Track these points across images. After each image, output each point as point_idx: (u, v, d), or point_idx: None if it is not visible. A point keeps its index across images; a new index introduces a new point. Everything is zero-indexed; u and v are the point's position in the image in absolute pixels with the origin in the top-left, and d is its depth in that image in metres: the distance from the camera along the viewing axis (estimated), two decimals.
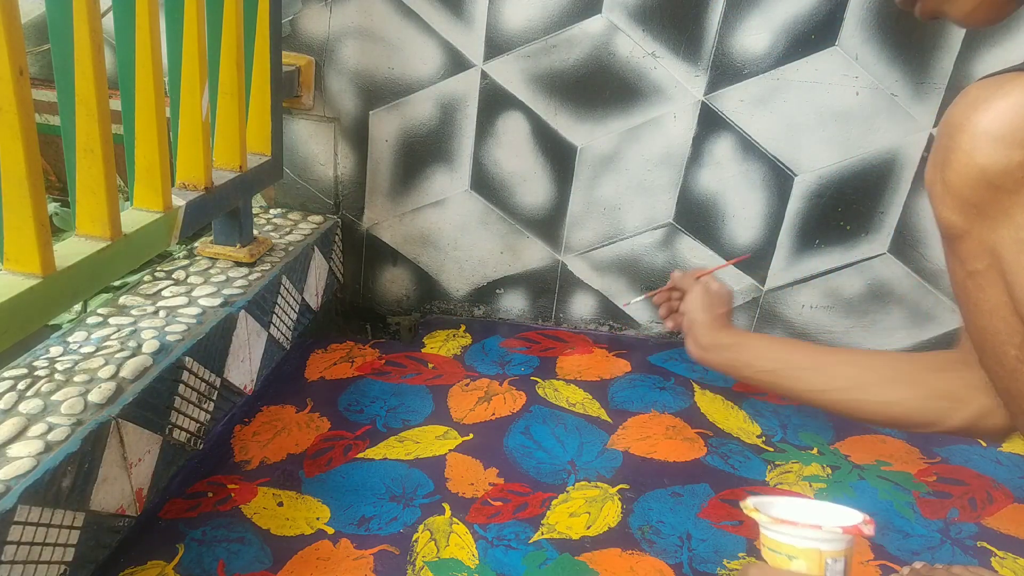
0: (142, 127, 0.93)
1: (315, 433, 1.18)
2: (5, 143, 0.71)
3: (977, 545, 1.08)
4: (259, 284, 1.19)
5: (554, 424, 1.27)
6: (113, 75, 0.90)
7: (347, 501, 1.05)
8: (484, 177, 1.48)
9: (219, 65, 1.09)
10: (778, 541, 0.57)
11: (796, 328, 1.57)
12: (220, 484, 1.05)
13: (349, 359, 1.40)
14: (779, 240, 1.49)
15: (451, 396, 1.32)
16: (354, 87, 1.42)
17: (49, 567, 0.78)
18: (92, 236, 0.87)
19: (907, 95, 1.36)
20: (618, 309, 1.58)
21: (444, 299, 1.60)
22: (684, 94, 1.38)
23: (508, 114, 1.42)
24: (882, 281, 1.51)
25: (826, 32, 1.32)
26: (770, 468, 1.21)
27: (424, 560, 0.96)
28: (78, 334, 0.99)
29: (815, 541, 0.55)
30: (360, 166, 1.49)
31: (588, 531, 1.04)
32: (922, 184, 1.42)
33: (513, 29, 1.36)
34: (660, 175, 1.45)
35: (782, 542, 0.56)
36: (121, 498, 0.90)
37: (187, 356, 1.00)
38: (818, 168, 1.43)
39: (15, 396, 0.85)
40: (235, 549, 0.95)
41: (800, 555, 0.55)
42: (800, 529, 0.55)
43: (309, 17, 1.37)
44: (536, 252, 1.54)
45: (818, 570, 0.55)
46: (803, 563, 0.55)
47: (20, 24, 0.68)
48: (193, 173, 1.05)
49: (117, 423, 0.87)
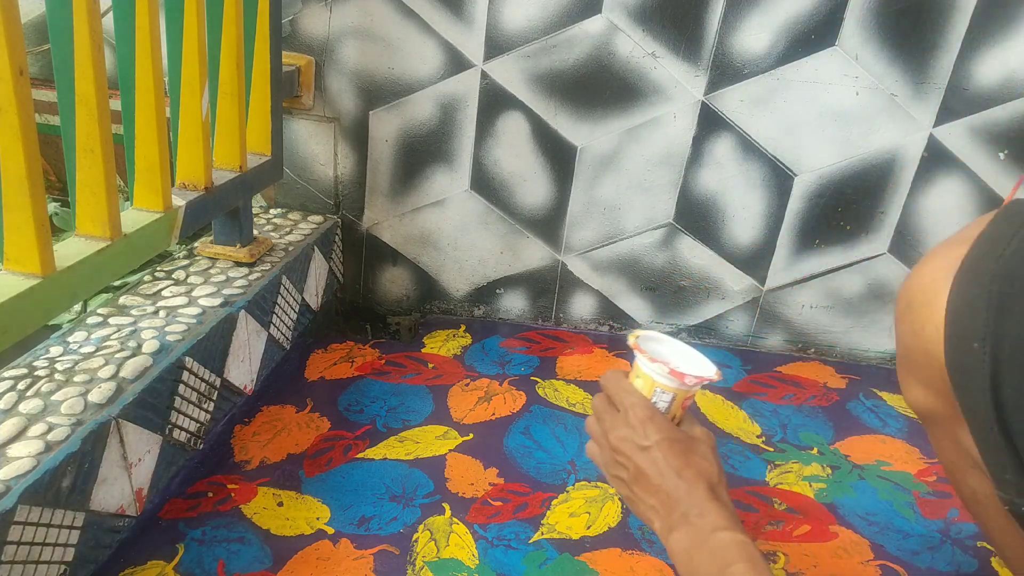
0: (142, 127, 0.94)
1: (315, 433, 1.18)
2: (5, 143, 0.71)
3: (977, 545, 1.08)
4: (259, 284, 1.19)
5: (554, 424, 1.27)
6: (113, 75, 0.90)
7: (347, 501, 1.05)
8: (484, 177, 1.48)
9: (219, 65, 1.09)
10: (635, 364, 0.73)
11: (796, 328, 1.57)
12: (220, 484, 1.05)
13: (349, 359, 1.40)
14: (779, 240, 1.49)
15: (451, 396, 1.32)
16: (354, 87, 1.42)
17: (49, 567, 0.78)
18: (92, 236, 0.87)
19: (907, 95, 1.36)
20: (618, 309, 1.58)
21: (444, 299, 1.60)
22: (684, 94, 1.38)
23: (508, 114, 1.42)
24: (882, 281, 1.51)
25: (826, 32, 1.32)
26: (770, 468, 1.21)
27: (424, 560, 0.96)
28: (78, 334, 0.99)
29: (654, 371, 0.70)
30: (360, 166, 1.49)
31: (588, 531, 1.04)
32: (922, 184, 1.42)
33: (513, 29, 1.36)
34: (660, 175, 1.45)
35: (636, 364, 0.73)
36: (121, 498, 0.90)
37: (187, 356, 1.00)
38: (818, 168, 1.43)
39: (15, 396, 0.85)
40: (235, 549, 0.95)
41: (642, 377, 0.72)
42: (643, 358, 0.71)
43: (309, 17, 1.37)
44: (536, 252, 1.54)
45: (648, 391, 0.71)
46: (640, 382, 0.72)
47: (20, 24, 0.68)
48: (193, 173, 1.05)
49: (117, 423, 0.87)
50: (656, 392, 0.71)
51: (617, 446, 0.70)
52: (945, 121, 1.37)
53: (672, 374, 0.69)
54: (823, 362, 1.57)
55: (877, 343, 1.57)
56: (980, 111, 1.36)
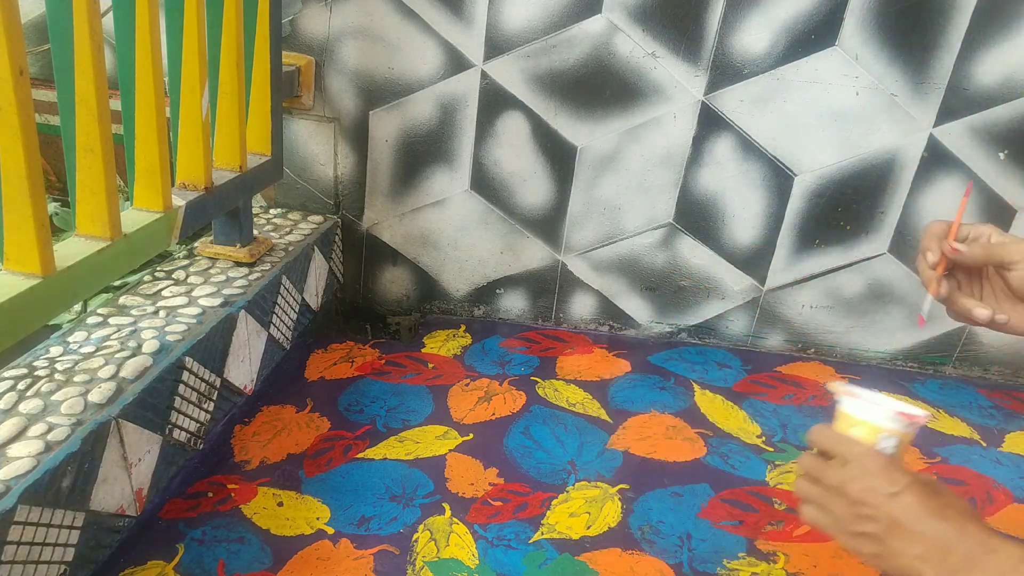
0: (142, 127, 0.94)
1: (315, 433, 1.18)
2: (5, 143, 0.71)
3: None
4: (259, 284, 1.19)
5: (554, 424, 1.27)
6: (113, 75, 0.90)
7: (347, 501, 1.05)
8: (484, 177, 1.48)
9: (219, 65, 1.09)
10: (844, 412, 0.69)
11: (796, 328, 1.57)
12: (220, 484, 1.05)
13: (349, 359, 1.40)
14: (779, 240, 1.49)
15: (451, 396, 1.32)
16: (354, 87, 1.42)
17: (49, 567, 0.78)
18: (92, 236, 0.87)
19: (907, 95, 1.36)
20: (618, 309, 1.58)
21: (444, 299, 1.60)
22: (684, 94, 1.38)
23: (508, 114, 1.42)
24: (882, 281, 1.51)
25: (826, 32, 1.32)
26: (770, 468, 1.21)
27: (424, 560, 0.96)
28: (78, 334, 0.99)
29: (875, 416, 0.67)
30: (360, 166, 1.49)
31: (588, 531, 1.04)
32: (922, 184, 1.42)
33: (513, 29, 1.36)
34: (660, 175, 1.45)
35: (846, 412, 0.69)
36: (121, 498, 0.90)
37: (187, 356, 1.00)
38: (818, 168, 1.43)
39: (15, 396, 0.85)
40: (235, 549, 0.95)
41: (859, 424, 0.68)
42: (864, 403, 0.68)
43: (309, 17, 1.37)
44: (536, 252, 1.54)
45: (872, 439, 0.66)
46: (860, 431, 0.67)
47: (20, 24, 0.68)
48: (193, 173, 1.05)
49: (117, 423, 0.87)
50: (881, 438, 0.66)
51: (861, 498, 0.63)
52: (945, 121, 1.37)
53: (901, 416, 0.66)
54: (823, 362, 1.57)
55: (877, 343, 1.57)
56: (980, 111, 1.36)
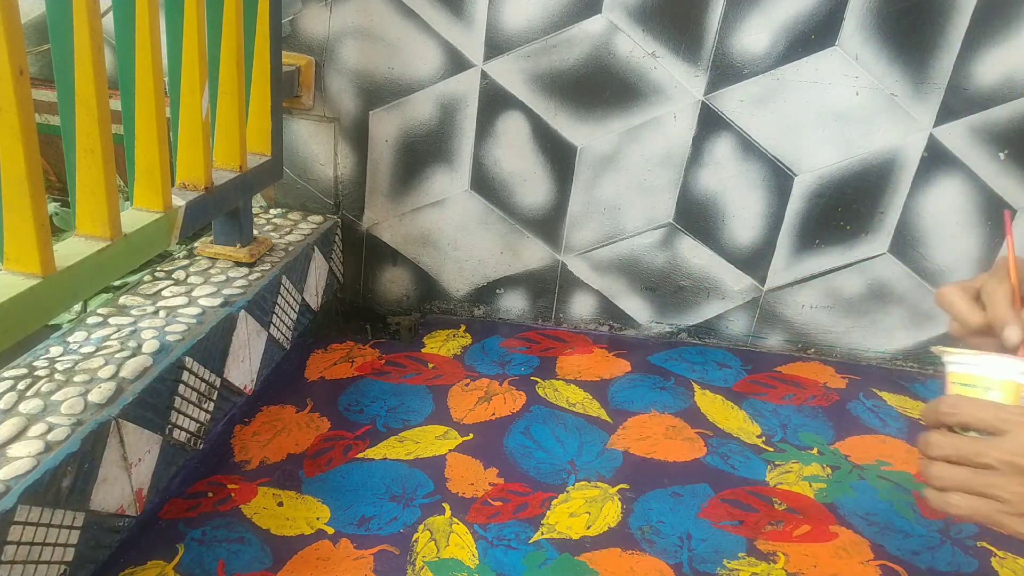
0: (142, 127, 0.94)
1: (315, 433, 1.18)
2: (5, 143, 0.71)
3: (977, 545, 1.08)
4: (259, 284, 1.19)
5: (554, 424, 1.27)
6: (113, 75, 0.90)
7: (347, 501, 1.05)
8: (484, 177, 1.48)
9: (219, 65, 1.09)
10: (973, 375, 0.58)
11: (796, 328, 1.57)
12: (220, 484, 1.05)
13: (349, 359, 1.40)
14: (779, 240, 1.49)
15: (451, 396, 1.32)
16: (354, 87, 1.42)
17: (49, 567, 0.78)
18: (92, 236, 0.87)
19: (907, 95, 1.36)
20: (618, 309, 1.58)
21: (444, 299, 1.60)
22: (684, 94, 1.38)
23: (508, 114, 1.42)
24: (882, 281, 1.51)
25: (826, 32, 1.32)
26: (770, 468, 1.21)
27: (424, 560, 0.96)
28: (78, 334, 0.99)
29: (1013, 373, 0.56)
30: (360, 166, 1.49)
31: (588, 531, 1.04)
32: (922, 184, 1.42)
33: (513, 29, 1.36)
34: (660, 175, 1.45)
35: (977, 374, 0.57)
36: (121, 498, 0.90)
37: (187, 356, 1.00)
38: (818, 168, 1.43)
39: (15, 396, 0.85)
40: (235, 549, 0.95)
41: (997, 386, 0.57)
42: (998, 360, 0.56)
43: (309, 17, 1.37)
44: (536, 252, 1.54)
45: (1015, 400, 0.56)
46: (999, 394, 0.56)
47: (20, 24, 0.68)
48: (193, 173, 1.05)
49: (117, 423, 0.87)
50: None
51: None
52: (945, 121, 1.37)
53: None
54: (823, 362, 1.56)
55: (877, 343, 1.57)
56: (980, 111, 1.36)
